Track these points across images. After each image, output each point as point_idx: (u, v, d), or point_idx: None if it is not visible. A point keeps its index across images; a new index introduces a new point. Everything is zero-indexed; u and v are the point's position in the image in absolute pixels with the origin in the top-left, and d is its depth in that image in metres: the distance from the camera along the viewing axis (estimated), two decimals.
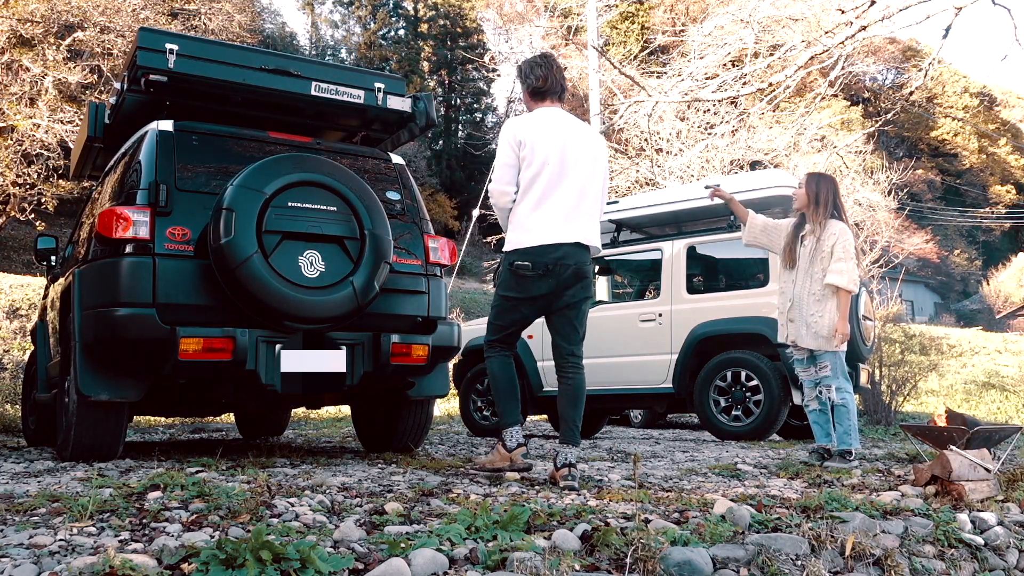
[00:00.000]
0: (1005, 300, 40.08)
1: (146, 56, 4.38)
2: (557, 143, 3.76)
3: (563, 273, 3.71)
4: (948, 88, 47.43)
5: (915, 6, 7.14)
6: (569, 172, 3.76)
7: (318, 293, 4.25)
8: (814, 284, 4.88)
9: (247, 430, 7.49)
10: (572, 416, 3.77)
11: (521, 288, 3.76)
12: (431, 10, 40.83)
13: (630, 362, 7.41)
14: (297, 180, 4.31)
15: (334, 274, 4.32)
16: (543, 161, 3.73)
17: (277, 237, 4.20)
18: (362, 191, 4.46)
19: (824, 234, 4.86)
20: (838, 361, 4.85)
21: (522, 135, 3.77)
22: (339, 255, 4.36)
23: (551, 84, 3.86)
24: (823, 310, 4.82)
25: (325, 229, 4.33)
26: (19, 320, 12.81)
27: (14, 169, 15.48)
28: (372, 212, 4.45)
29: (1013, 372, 19.67)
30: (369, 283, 4.37)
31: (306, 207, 4.31)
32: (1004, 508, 3.49)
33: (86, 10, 15.78)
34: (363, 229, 4.39)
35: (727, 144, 15.32)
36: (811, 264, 4.91)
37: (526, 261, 3.70)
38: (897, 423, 8.39)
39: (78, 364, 4.21)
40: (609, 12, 22.75)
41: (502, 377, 3.88)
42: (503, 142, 3.83)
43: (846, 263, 4.75)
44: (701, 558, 2.32)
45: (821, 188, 4.95)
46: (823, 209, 4.90)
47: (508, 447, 3.83)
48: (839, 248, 4.79)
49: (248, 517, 2.58)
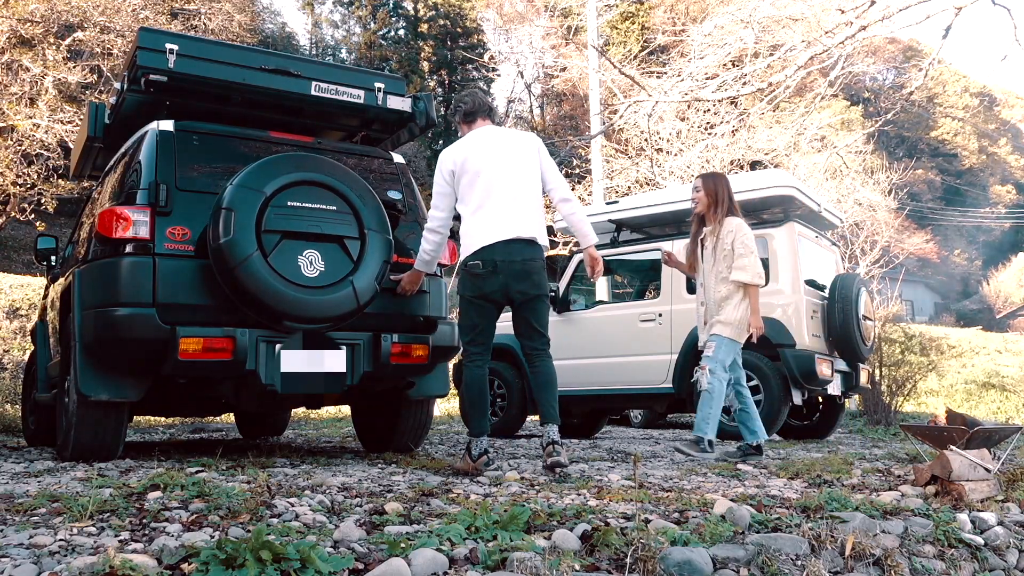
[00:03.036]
0: (1005, 300, 40.09)
1: (146, 56, 4.37)
2: (486, 154, 4.16)
3: (510, 269, 4.02)
4: (948, 88, 47.46)
5: (915, 6, 7.14)
6: (502, 176, 4.12)
7: (318, 293, 4.23)
8: (719, 283, 4.89)
9: (247, 430, 7.49)
10: (547, 398, 4.07)
11: (475, 286, 4.07)
12: (431, 10, 40.81)
13: (630, 362, 7.41)
14: (297, 179, 4.29)
15: (334, 274, 4.30)
16: (476, 171, 4.12)
17: (276, 237, 4.18)
18: (362, 190, 4.45)
19: (722, 232, 4.89)
20: (724, 348, 4.81)
21: (452, 160, 4.20)
22: (339, 255, 4.34)
23: (477, 106, 4.34)
24: (729, 306, 4.83)
25: (325, 228, 4.31)
26: (19, 320, 12.81)
27: (14, 169, 15.48)
28: (372, 211, 4.44)
29: (1013, 372, 19.67)
30: (369, 283, 4.36)
31: (306, 206, 4.29)
32: (1004, 508, 3.49)
33: (86, 10, 15.77)
34: (363, 228, 4.37)
35: (727, 144, 15.31)
36: (714, 263, 4.93)
37: (476, 260, 4.04)
38: (897, 423, 8.39)
39: (78, 364, 4.21)
40: (609, 12, 22.75)
41: (474, 387, 4.12)
42: (437, 172, 4.26)
43: (747, 258, 4.78)
44: (701, 558, 2.32)
45: (719, 187, 4.97)
46: (722, 208, 4.92)
47: (472, 456, 4.04)
48: (739, 244, 4.81)
49: (248, 517, 2.58)
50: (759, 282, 4.78)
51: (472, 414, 4.14)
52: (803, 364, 6.65)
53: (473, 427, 4.12)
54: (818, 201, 7.63)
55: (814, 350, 6.83)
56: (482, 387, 4.11)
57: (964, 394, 16.64)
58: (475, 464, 4.02)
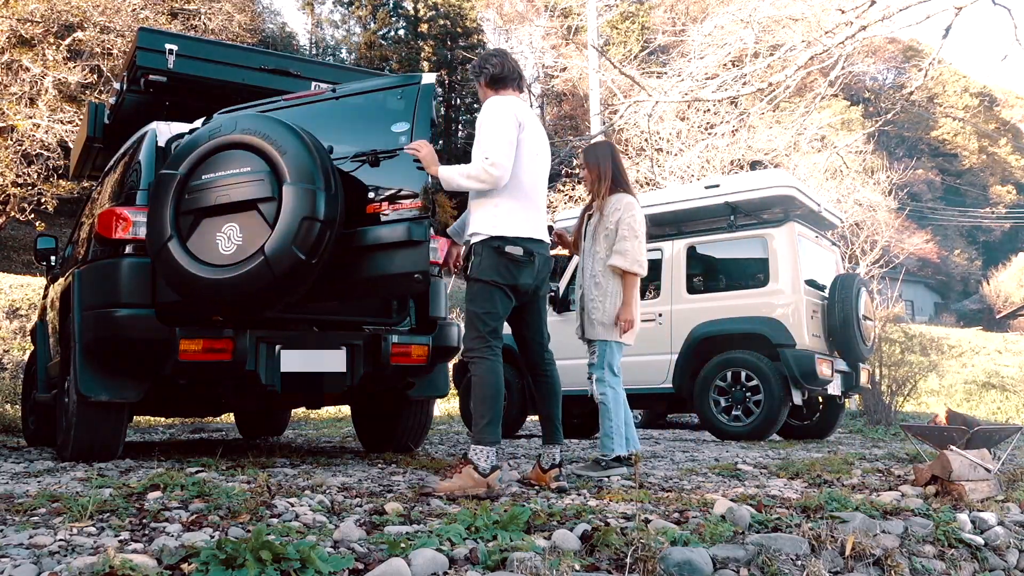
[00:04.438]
0: (1005, 300, 40.08)
1: (146, 56, 4.38)
2: (540, 135, 3.69)
3: (544, 265, 3.67)
4: (948, 88, 47.46)
5: (915, 6, 7.13)
6: (545, 166, 3.74)
7: (230, 271, 3.66)
8: (596, 264, 4.26)
9: (247, 430, 7.49)
10: (558, 413, 3.73)
11: (511, 274, 3.51)
12: (431, 10, 40.80)
13: (630, 362, 7.38)
14: (209, 149, 3.81)
15: (249, 247, 3.66)
16: (535, 152, 3.62)
17: (191, 217, 3.79)
18: (285, 139, 3.68)
19: (608, 209, 4.23)
20: (608, 351, 4.20)
21: (521, 117, 3.54)
22: (258, 223, 3.66)
23: (507, 71, 3.66)
24: (603, 294, 4.20)
25: (233, 195, 3.70)
26: (19, 320, 12.81)
27: (14, 169, 15.47)
28: (293, 161, 3.63)
29: (1013, 372, 19.68)
30: (284, 248, 3.56)
31: (219, 175, 3.75)
32: (1004, 508, 3.49)
33: (86, 10, 15.77)
34: (280, 185, 3.62)
35: (727, 144, 15.31)
36: (593, 243, 4.29)
37: (518, 246, 3.51)
38: (897, 423, 8.39)
39: (78, 364, 4.21)
40: (609, 12, 22.77)
41: (491, 384, 3.45)
42: (506, 116, 3.49)
43: (630, 242, 4.14)
44: (701, 558, 2.32)
45: (602, 159, 4.31)
46: (606, 182, 4.26)
47: (482, 471, 3.29)
48: (623, 225, 4.16)
49: (248, 517, 2.58)
50: (639, 271, 4.16)
51: (485, 416, 3.39)
52: (803, 364, 6.65)
53: (486, 435, 3.35)
54: (818, 201, 7.64)
55: (814, 350, 6.83)
56: (499, 384, 3.45)
57: (964, 394, 16.64)
58: (487, 481, 3.29)
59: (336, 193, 3.66)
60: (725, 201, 7.29)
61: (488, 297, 3.51)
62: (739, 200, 7.27)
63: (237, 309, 3.87)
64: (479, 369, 3.47)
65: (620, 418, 4.16)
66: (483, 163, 3.41)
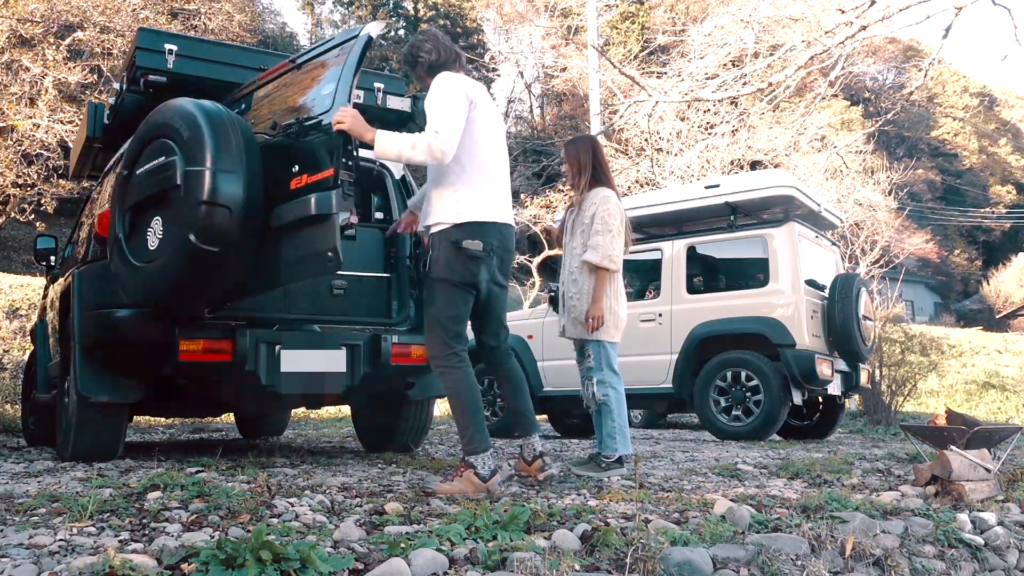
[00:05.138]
0: (1005, 300, 40.06)
1: (145, 56, 4.37)
2: (492, 109, 3.51)
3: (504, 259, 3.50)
4: (948, 88, 47.44)
5: (915, 6, 7.13)
6: (501, 142, 3.55)
7: (152, 266, 3.57)
8: (573, 260, 4.23)
9: (247, 430, 7.49)
10: (526, 403, 3.68)
11: (469, 271, 3.37)
12: (431, 10, 40.81)
13: (630, 362, 7.38)
14: (140, 143, 3.75)
15: (165, 240, 3.54)
16: (492, 130, 3.47)
17: (128, 214, 3.78)
18: (184, 122, 3.48)
19: (585, 203, 4.18)
20: (603, 351, 4.16)
21: (472, 94, 3.37)
22: (174, 213, 3.52)
23: (443, 56, 3.49)
24: (579, 292, 4.17)
25: (148, 189, 3.61)
26: (19, 320, 12.81)
27: (14, 169, 15.47)
28: (190, 145, 3.42)
29: (1013, 372, 19.68)
30: (182, 238, 3.38)
31: (144, 170, 3.66)
32: (1004, 508, 3.49)
33: (86, 10, 15.76)
34: (182, 171, 3.43)
35: (727, 144, 15.31)
36: (571, 238, 4.27)
37: (475, 239, 3.33)
38: (897, 423, 8.39)
39: (78, 365, 4.21)
40: (609, 12, 22.79)
41: (469, 393, 3.39)
42: (455, 92, 3.31)
43: (603, 236, 4.06)
44: (701, 558, 2.32)
45: (582, 153, 4.25)
46: (585, 176, 4.21)
47: (482, 476, 3.31)
48: (598, 219, 4.09)
49: (248, 517, 2.58)
50: (609, 266, 4.06)
51: (469, 428, 3.37)
52: (803, 364, 6.65)
53: (476, 444, 3.35)
54: (818, 201, 7.64)
55: (814, 350, 6.83)
56: (474, 392, 3.41)
57: (964, 394, 16.63)
58: (487, 486, 3.31)
59: (249, 173, 3.40)
60: (725, 201, 7.29)
61: (448, 298, 3.39)
62: (739, 200, 7.27)
63: (163, 306, 3.76)
64: (449, 381, 3.42)
65: (623, 418, 4.14)
66: (431, 135, 3.22)
